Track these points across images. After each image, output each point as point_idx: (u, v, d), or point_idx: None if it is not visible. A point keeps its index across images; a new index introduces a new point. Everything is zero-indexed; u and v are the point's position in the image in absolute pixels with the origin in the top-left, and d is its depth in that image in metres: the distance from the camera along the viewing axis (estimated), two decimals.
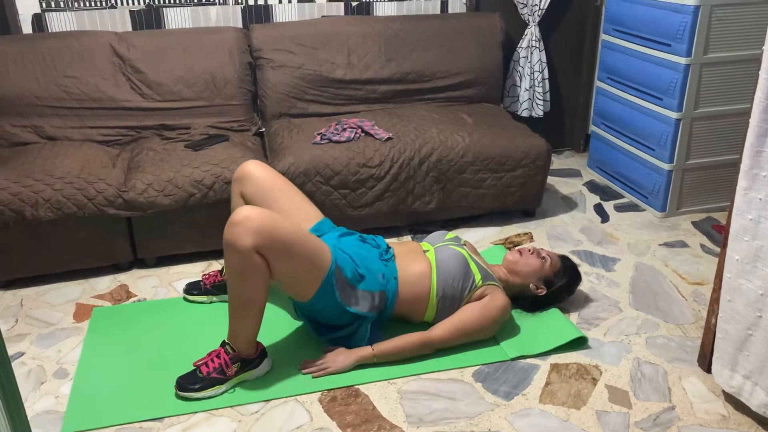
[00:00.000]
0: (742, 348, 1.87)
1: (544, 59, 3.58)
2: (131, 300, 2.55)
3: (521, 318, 2.37)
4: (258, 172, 2.31)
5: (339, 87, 3.27)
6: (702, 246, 2.93)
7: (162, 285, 2.64)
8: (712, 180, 3.19)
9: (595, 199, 3.40)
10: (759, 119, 1.70)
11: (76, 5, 3.13)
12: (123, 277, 2.70)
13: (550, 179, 3.55)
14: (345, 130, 2.95)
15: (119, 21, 3.21)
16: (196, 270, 2.74)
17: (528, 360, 2.19)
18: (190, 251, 2.77)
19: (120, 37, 3.07)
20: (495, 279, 2.26)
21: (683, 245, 2.94)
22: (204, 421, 1.94)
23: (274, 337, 2.28)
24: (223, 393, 2.02)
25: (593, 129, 3.66)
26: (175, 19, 3.27)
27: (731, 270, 1.85)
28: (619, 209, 3.29)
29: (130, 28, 3.23)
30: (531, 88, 3.61)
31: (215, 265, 2.77)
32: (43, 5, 3.10)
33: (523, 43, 3.57)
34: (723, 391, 2.03)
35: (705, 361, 2.11)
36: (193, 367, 2.04)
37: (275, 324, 2.35)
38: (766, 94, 1.67)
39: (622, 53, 3.30)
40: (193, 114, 3.10)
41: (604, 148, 3.56)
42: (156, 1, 3.22)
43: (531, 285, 2.34)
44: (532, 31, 3.54)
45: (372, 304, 2.11)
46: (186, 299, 2.51)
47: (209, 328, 2.32)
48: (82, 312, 2.47)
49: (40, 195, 2.50)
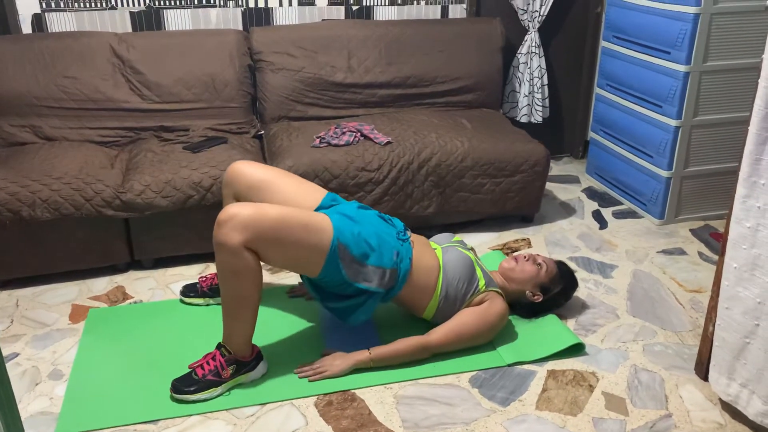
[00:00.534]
0: (739, 356, 1.86)
1: (543, 65, 3.59)
2: (128, 302, 2.54)
3: (518, 324, 2.36)
4: (246, 169, 2.27)
5: (339, 90, 3.27)
6: (700, 254, 2.93)
7: (159, 287, 2.64)
8: (710, 188, 3.19)
9: (594, 206, 3.40)
10: (758, 127, 1.70)
11: (76, 6, 3.13)
12: (120, 279, 2.69)
13: (548, 185, 3.55)
14: (344, 133, 2.94)
15: (119, 22, 3.21)
16: (193, 272, 2.74)
17: (525, 366, 2.18)
18: (187, 253, 2.76)
19: (120, 38, 3.07)
20: (497, 286, 2.26)
21: (681, 253, 2.94)
22: (199, 424, 1.93)
23: (270, 340, 2.27)
24: (219, 396, 2.02)
25: (592, 135, 3.66)
26: (175, 21, 3.27)
27: (729, 278, 1.85)
28: (618, 216, 3.29)
29: (130, 29, 3.23)
30: (530, 93, 3.61)
31: (212, 268, 2.76)
32: (43, 5, 3.10)
33: (523, 49, 3.58)
34: (720, 400, 2.03)
35: (702, 369, 2.11)
36: (189, 370, 2.03)
37: (271, 327, 2.35)
38: (765, 102, 1.67)
39: (621, 60, 3.30)
40: (192, 116, 3.10)
41: (602, 154, 3.56)
42: (156, 3, 3.22)
43: (527, 292, 2.33)
44: (532, 37, 3.54)
45: (381, 280, 2.07)
46: (182, 301, 2.50)
47: (205, 330, 2.31)
48: (78, 313, 2.46)
49: (37, 195, 2.49)
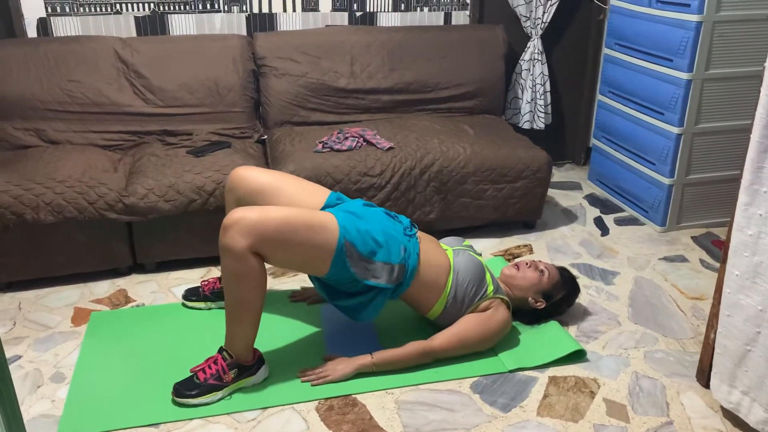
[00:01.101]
0: (740, 364, 1.86)
1: (546, 72, 3.60)
2: (130, 305, 2.54)
3: (520, 330, 2.36)
4: (248, 173, 2.26)
5: (342, 96, 3.28)
6: (701, 261, 2.93)
7: (161, 290, 2.64)
8: (712, 195, 3.19)
9: (596, 213, 3.40)
10: (760, 135, 1.70)
11: (81, 10, 3.15)
12: (122, 282, 2.70)
13: (550, 192, 3.55)
14: (347, 138, 2.95)
15: (124, 27, 3.22)
16: (195, 276, 2.74)
17: (526, 372, 2.18)
18: (189, 257, 2.77)
19: (124, 43, 3.08)
20: (504, 293, 2.26)
21: (683, 260, 2.94)
22: (200, 428, 1.93)
23: (271, 345, 2.27)
24: (220, 400, 2.02)
25: (594, 142, 3.66)
26: (180, 26, 3.29)
27: (731, 285, 1.85)
28: (619, 223, 3.30)
29: (134, 33, 3.24)
30: (533, 100, 3.62)
31: (214, 272, 2.77)
32: (49, 10, 3.11)
33: (526, 56, 3.59)
34: (721, 407, 2.03)
35: (703, 377, 2.11)
36: (191, 374, 2.04)
37: (273, 331, 2.35)
38: (767, 110, 1.68)
39: (623, 67, 3.31)
40: (196, 120, 3.11)
41: (604, 161, 3.57)
42: (161, 8, 3.23)
43: (530, 299, 2.33)
44: (534, 44, 3.55)
45: (390, 276, 2.06)
46: (184, 305, 2.50)
47: (207, 334, 2.32)
48: (80, 316, 2.47)
49: (41, 198, 2.50)
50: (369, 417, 1.98)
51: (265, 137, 3.20)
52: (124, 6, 3.19)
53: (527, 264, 2.36)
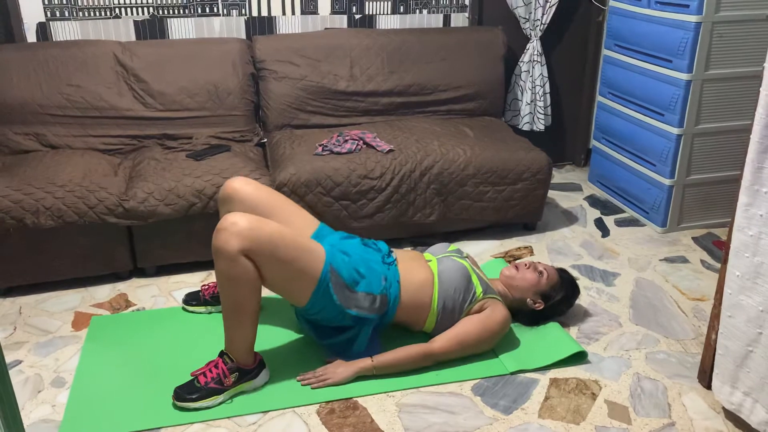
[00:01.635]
0: (742, 364, 1.86)
1: (545, 74, 3.60)
2: (130, 309, 2.54)
3: (521, 332, 2.36)
4: (243, 188, 2.23)
5: (341, 99, 3.28)
6: (702, 262, 2.93)
7: (161, 294, 2.64)
8: (712, 196, 3.19)
9: (596, 214, 3.40)
10: (760, 135, 1.70)
11: (80, 15, 3.15)
12: (122, 286, 2.70)
13: (550, 193, 3.55)
14: (347, 141, 2.95)
15: (123, 31, 3.22)
16: (195, 280, 2.74)
17: (527, 374, 2.18)
18: (190, 261, 2.77)
19: (124, 47, 3.09)
20: (496, 292, 2.26)
21: (684, 261, 2.94)
22: None
23: (272, 348, 2.27)
24: (221, 403, 2.01)
25: (594, 144, 3.66)
26: (179, 30, 3.29)
27: (732, 286, 1.85)
28: (620, 224, 3.29)
29: (134, 38, 3.24)
30: (532, 102, 3.62)
31: (215, 276, 2.76)
32: (48, 15, 3.12)
33: (525, 58, 3.59)
34: (723, 408, 2.02)
35: (705, 378, 2.10)
36: (191, 377, 2.03)
37: (274, 335, 2.35)
38: (767, 110, 1.68)
39: (623, 68, 3.31)
40: (196, 124, 3.11)
41: (605, 162, 3.56)
42: (160, 12, 3.24)
43: (528, 300, 2.33)
44: (534, 46, 3.55)
45: (373, 306, 2.09)
46: (185, 309, 2.50)
47: (208, 338, 2.31)
48: (80, 320, 2.47)
49: (41, 203, 2.50)
50: (370, 420, 1.97)
51: (265, 140, 3.20)
52: (123, 10, 3.20)
53: (526, 265, 2.36)
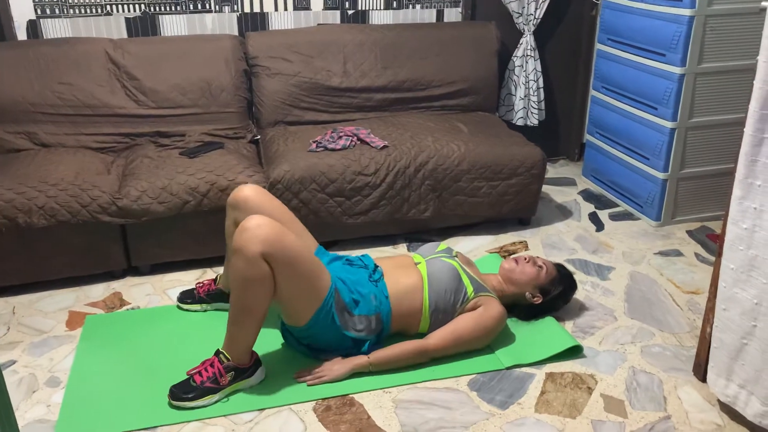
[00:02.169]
0: (737, 357, 1.86)
1: (539, 68, 3.59)
2: (125, 308, 2.53)
3: (516, 327, 2.36)
4: (256, 197, 2.21)
5: (335, 95, 3.27)
6: (697, 255, 2.94)
7: (156, 293, 2.63)
8: (706, 189, 3.20)
9: (590, 208, 3.41)
10: (753, 129, 1.70)
11: (71, 12, 3.13)
12: (116, 285, 2.68)
13: (545, 188, 3.55)
14: (341, 137, 2.94)
15: (114, 28, 3.20)
16: (190, 278, 2.73)
17: (523, 369, 2.18)
18: (184, 259, 2.76)
19: (115, 44, 3.07)
20: (487, 290, 2.25)
21: (678, 254, 2.94)
22: (197, 431, 1.92)
23: (268, 346, 2.26)
24: (217, 402, 2.01)
25: (588, 138, 3.67)
26: (171, 27, 3.27)
27: (726, 279, 1.86)
28: (614, 218, 3.30)
29: (125, 35, 3.22)
30: (526, 96, 3.62)
31: (209, 273, 2.76)
32: (38, 12, 3.09)
33: (519, 52, 3.58)
34: (718, 401, 2.03)
35: (700, 371, 2.11)
36: (187, 376, 2.03)
37: (269, 333, 2.33)
38: (760, 103, 1.68)
39: (616, 63, 3.31)
40: (189, 121, 3.10)
41: (599, 157, 3.57)
42: (152, 9, 3.22)
43: (527, 294, 2.33)
44: (527, 40, 3.55)
45: (369, 327, 2.12)
46: (180, 308, 2.49)
47: (203, 336, 2.31)
48: (75, 320, 2.46)
49: (33, 202, 2.49)
50: (367, 416, 1.97)
51: (259, 137, 3.19)
52: (114, 7, 3.17)
53: (526, 259, 2.36)
